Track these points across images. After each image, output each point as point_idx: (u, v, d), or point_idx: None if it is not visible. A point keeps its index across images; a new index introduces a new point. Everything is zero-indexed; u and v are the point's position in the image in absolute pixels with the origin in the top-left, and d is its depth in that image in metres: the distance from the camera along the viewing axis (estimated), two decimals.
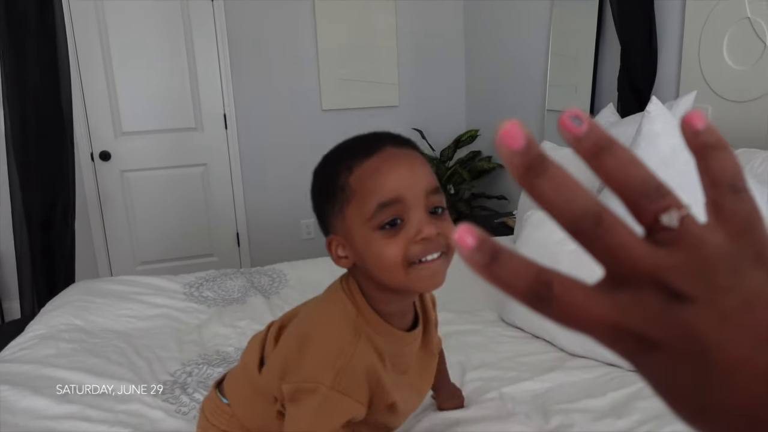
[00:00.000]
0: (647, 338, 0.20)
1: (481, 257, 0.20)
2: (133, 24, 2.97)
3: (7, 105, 1.80)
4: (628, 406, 1.15)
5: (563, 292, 0.21)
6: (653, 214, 0.21)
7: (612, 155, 0.22)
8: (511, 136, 0.21)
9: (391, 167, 0.72)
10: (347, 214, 0.73)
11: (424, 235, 0.70)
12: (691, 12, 1.87)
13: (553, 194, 0.21)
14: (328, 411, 0.74)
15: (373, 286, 0.77)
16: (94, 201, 3.05)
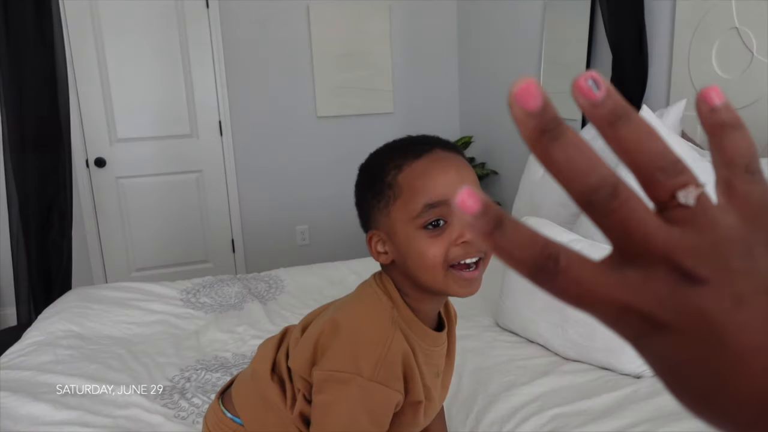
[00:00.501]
0: (655, 319, 0.20)
1: (485, 224, 0.20)
2: (129, 31, 2.98)
3: (4, 112, 1.81)
4: (621, 408, 1.17)
5: (569, 266, 0.20)
6: (669, 191, 0.20)
7: (629, 125, 0.20)
8: (528, 95, 0.20)
9: (441, 169, 0.74)
10: (392, 210, 0.75)
11: (466, 239, 0.72)
12: (680, 21, 1.91)
13: (567, 162, 0.20)
14: (365, 400, 0.73)
15: (408, 284, 0.78)
16: (89, 207, 3.05)
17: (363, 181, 0.81)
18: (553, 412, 1.17)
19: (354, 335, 0.76)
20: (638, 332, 0.20)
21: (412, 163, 0.75)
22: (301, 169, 3.37)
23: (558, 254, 0.20)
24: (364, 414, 0.73)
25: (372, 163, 0.81)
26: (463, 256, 0.72)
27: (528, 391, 1.26)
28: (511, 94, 0.20)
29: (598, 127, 0.21)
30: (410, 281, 0.78)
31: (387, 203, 0.76)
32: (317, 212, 3.43)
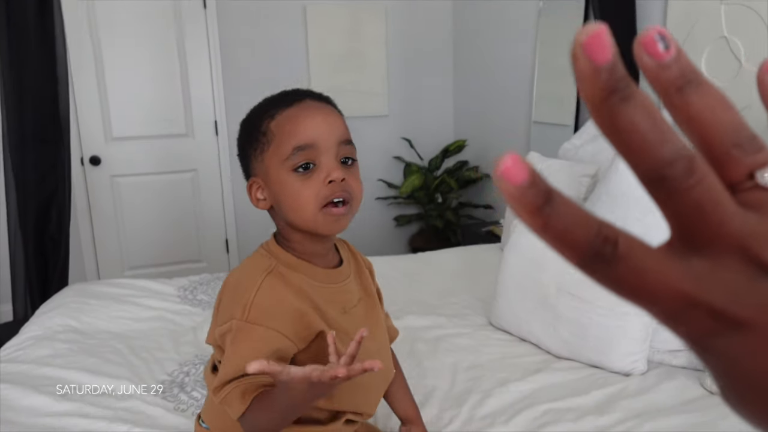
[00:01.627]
0: (729, 316, 0.17)
1: (533, 197, 0.17)
2: (125, 29, 2.99)
3: (4, 108, 1.82)
4: (610, 404, 1.20)
5: (630, 252, 0.17)
6: (746, 170, 0.18)
7: (700, 92, 0.18)
8: (599, 45, 0.17)
9: (309, 115, 0.80)
10: (266, 157, 0.81)
11: (332, 178, 0.78)
12: (671, 29, 1.96)
13: (638, 129, 0.17)
14: (244, 340, 0.77)
15: (288, 228, 0.84)
16: (83, 205, 3.05)
17: (241, 133, 0.87)
18: (545, 407, 1.20)
19: (231, 289, 0.83)
20: (706, 331, 0.18)
21: (283, 111, 0.81)
22: None
23: (616, 238, 0.17)
24: (249, 352, 0.76)
25: (249, 115, 0.86)
26: (330, 196, 0.78)
27: (521, 387, 1.29)
28: (577, 44, 0.17)
29: (663, 93, 0.18)
30: (288, 224, 0.83)
31: (262, 150, 0.81)
32: None
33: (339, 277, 0.88)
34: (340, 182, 0.79)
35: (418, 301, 1.82)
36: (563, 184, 1.83)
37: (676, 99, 0.18)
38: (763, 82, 0.20)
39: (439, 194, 3.30)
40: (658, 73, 0.18)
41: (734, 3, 1.71)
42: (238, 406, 0.76)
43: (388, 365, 0.96)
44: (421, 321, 1.65)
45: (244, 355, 0.76)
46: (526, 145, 2.84)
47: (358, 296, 0.91)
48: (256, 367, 0.64)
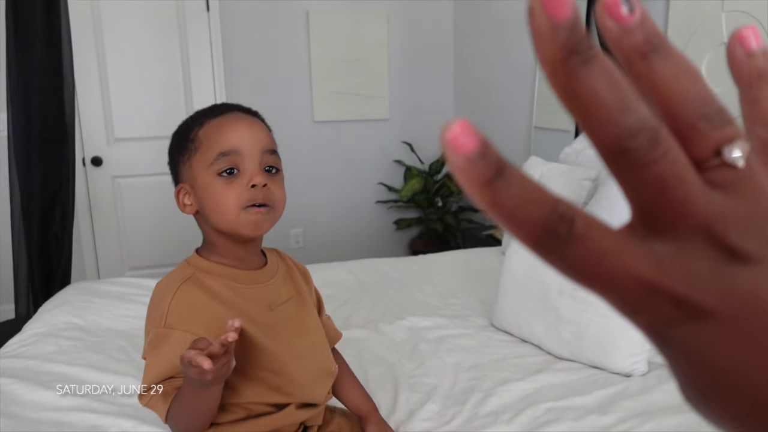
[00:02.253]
0: (692, 303, 0.16)
1: (482, 169, 0.15)
2: (129, 32, 3.01)
3: (9, 107, 1.83)
4: (612, 404, 1.22)
5: (588, 232, 0.16)
6: (713, 145, 0.17)
7: (667, 60, 0.17)
8: (560, 1, 0.15)
9: (234, 124, 0.85)
10: (193, 162, 0.85)
11: (254, 182, 0.83)
12: (672, 36, 1.98)
13: (598, 95, 0.15)
14: (162, 345, 0.82)
15: (213, 232, 0.88)
16: (84, 206, 3.06)
17: (172, 142, 0.91)
18: (547, 405, 1.21)
19: (153, 302, 0.88)
20: (668, 320, 0.16)
21: (211, 120, 0.86)
22: (297, 172, 3.40)
23: (573, 216, 0.16)
24: (168, 356, 0.81)
25: (180, 126, 0.91)
26: (252, 200, 0.83)
27: (522, 387, 1.30)
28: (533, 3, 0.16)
29: (626, 61, 0.17)
30: (213, 229, 0.87)
31: (189, 156, 0.86)
32: (312, 216, 3.46)
33: (262, 277, 0.92)
34: (262, 187, 0.83)
35: (419, 302, 1.83)
36: (564, 188, 1.84)
37: (640, 67, 0.17)
38: (734, 55, 0.19)
39: (440, 198, 3.32)
40: (621, 38, 0.16)
41: (735, 10, 1.73)
42: (162, 407, 0.82)
43: (326, 360, 0.99)
44: (424, 322, 1.66)
45: (163, 360, 0.82)
46: (527, 149, 2.86)
47: (287, 295, 0.95)
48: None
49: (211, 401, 0.81)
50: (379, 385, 1.33)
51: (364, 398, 1.08)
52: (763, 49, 0.19)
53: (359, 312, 1.76)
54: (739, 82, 0.19)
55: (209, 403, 0.81)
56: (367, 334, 1.59)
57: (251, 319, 0.87)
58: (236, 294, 0.88)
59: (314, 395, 0.94)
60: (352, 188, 3.51)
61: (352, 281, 2.03)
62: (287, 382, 0.90)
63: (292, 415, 0.91)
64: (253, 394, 0.88)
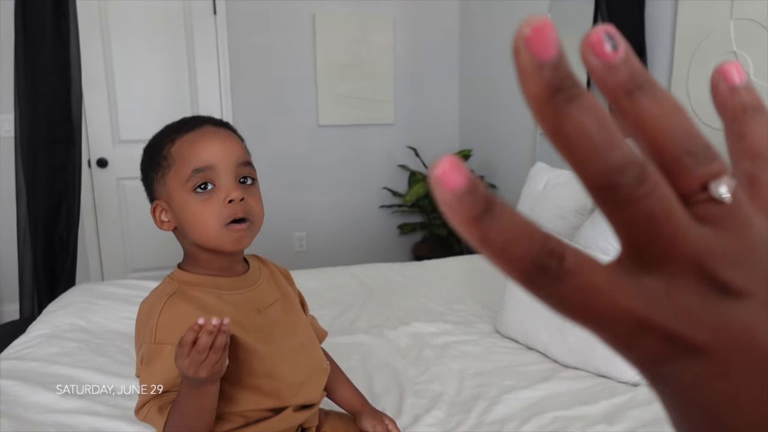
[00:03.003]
0: (683, 339, 0.16)
1: (471, 205, 0.15)
2: (136, 34, 3.01)
3: (18, 108, 1.83)
4: (619, 414, 1.20)
5: (578, 268, 0.16)
6: (700, 180, 0.17)
7: (652, 96, 0.17)
8: (543, 39, 0.15)
9: (207, 140, 0.85)
10: (168, 180, 0.85)
11: (231, 197, 0.82)
12: (680, 44, 1.98)
13: (584, 132, 0.16)
14: (155, 360, 0.83)
15: (193, 247, 0.88)
16: (89, 207, 3.06)
17: (145, 159, 0.90)
18: (554, 414, 1.20)
19: (140, 319, 0.88)
20: (659, 356, 0.16)
21: (183, 136, 0.86)
22: (301, 176, 3.40)
23: (563, 252, 0.16)
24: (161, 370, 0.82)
25: (151, 142, 0.90)
26: (232, 216, 0.83)
27: (528, 395, 1.29)
28: (519, 37, 0.16)
29: (612, 97, 0.17)
30: (193, 244, 0.87)
31: (163, 174, 0.86)
32: (316, 219, 3.46)
33: (246, 282, 0.93)
34: (239, 201, 0.83)
35: (424, 307, 1.82)
36: (570, 195, 1.84)
37: (625, 103, 0.17)
38: (718, 89, 0.19)
39: None
40: (606, 76, 0.16)
41: (744, 18, 1.72)
42: (159, 420, 0.82)
43: (318, 358, 1.00)
44: (428, 327, 1.65)
45: (157, 374, 0.82)
46: (533, 155, 2.85)
47: (273, 297, 0.96)
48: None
49: (208, 404, 0.81)
50: (383, 391, 1.32)
51: (355, 394, 1.10)
52: (745, 83, 0.19)
53: (363, 317, 1.76)
54: (724, 117, 0.19)
55: (206, 407, 0.81)
56: (371, 340, 1.59)
57: (241, 324, 0.87)
58: (223, 301, 0.88)
59: (309, 395, 0.95)
60: (356, 192, 3.51)
61: (356, 286, 2.02)
62: (282, 385, 0.90)
63: (290, 418, 0.91)
64: (249, 401, 0.88)
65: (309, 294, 1.91)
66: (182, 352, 0.73)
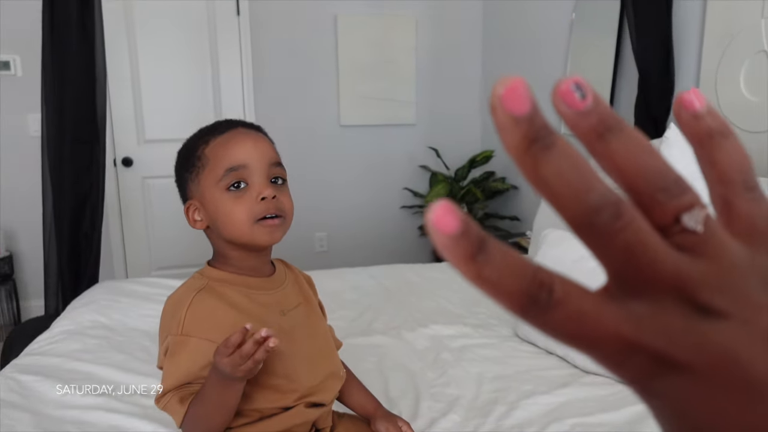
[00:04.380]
0: (669, 359, 0.17)
1: (465, 247, 0.16)
2: (161, 36, 3.06)
3: (45, 108, 1.86)
4: (644, 422, 1.17)
5: (567, 297, 0.17)
6: (673, 213, 0.18)
7: (621, 137, 0.18)
8: (516, 97, 0.17)
9: (240, 140, 0.88)
10: (202, 179, 0.88)
11: (264, 195, 0.85)
12: (709, 42, 1.93)
13: (561, 177, 0.17)
14: (180, 352, 0.84)
15: (225, 245, 0.90)
16: (114, 206, 3.11)
17: (179, 160, 0.93)
18: (574, 421, 1.17)
19: (167, 311, 0.90)
20: (648, 374, 0.17)
21: (216, 137, 0.88)
22: (322, 176, 3.41)
23: (552, 283, 0.17)
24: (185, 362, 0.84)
25: (185, 144, 0.93)
26: (264, 212, 0.85)
27: (547, 401, 1.27)
28: (495, 96, 0.17)
29: (585, 141, 0.18)
30: (226, 242, 0.89)
31: (197, 174, 0.88)
32: (337, 220, 3.46)
33: (273, 283, 0.95)
34: (271, 199, 0.86)
35: (443, 309, 1.80)
36: None
37: (598, 146, 0.18)
38: (681, 119, 0.20)
39: (465, 204, 3.29)
40: (578, 122, 0.18)
41: None
42: (179, 410, 0.84)
43: (335, 364, 1.02)
44: (447, 330, 1.64)
45: (180, 365, 0.84)
46: None
47: (297, 301, 0.98)
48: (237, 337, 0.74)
49: (232, 400, 0.82)
50: (400, 393, 1.31)
51: (369, 398, 1.10)
52: (707, 108, 0.20)
53: (381, 318, 1.75)
54: (692, 144, 0.20)
55: (230, 403, 0.83)
56: (388, 341, 1.58)
57: (266, 324, 0.88)
58: (250, 300, 0.90)
59: (322, 396, 0.96)
60: (377, 193, 3.50)
61: (375, 287, 2.01)
62: (299, 387, 0.91)
63: (302, 413, 0.92)
64: (265, 400, 0.89)
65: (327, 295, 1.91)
66: (225, 351, 0.75)
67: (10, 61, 2.83)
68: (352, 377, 1.11)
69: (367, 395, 1.10)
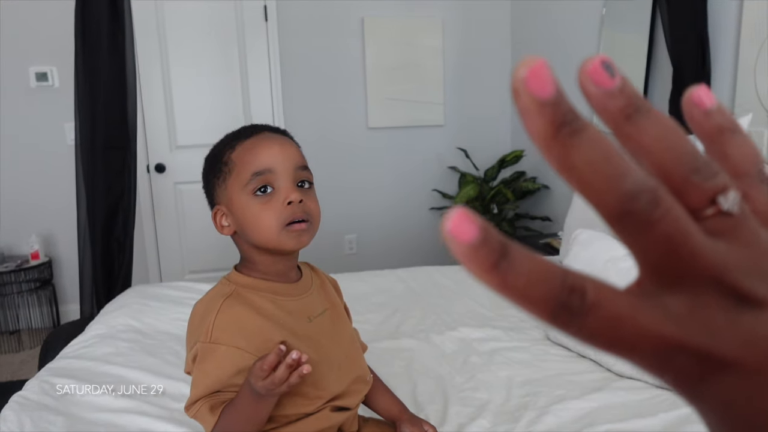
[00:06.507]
0: (716, 357, 0.16)
1: (488, 254, 0.15)
2: (191, 43, 3.11)
3: (78, 116, 1.91)
4: (680, 428, 1.13)
5: (601, 300, 0.16)
6: (709, 195, 0.17)
7: (651, 119, 0.17)
8: (540, 79, 0.16)
9: (266, 145, 0.87)
10: (229, 184, 0.87)
11: (291, 199, 0.84)
12: (746, 34, 1.85)
13: (593, 163, 0.16)
14: (208, 360, 0.84)
15: (253, 250, 0.90)
16: (148, 211, 3.17)
17: (206, 166, 0.93)
18: (607, 427, 1.14)
19: (195, 318, 0.89)
20: (693, 376, 0.16)
21: (242, 142, 0.88)
22: (351, 178, 3.41)
23: (584, 287, 0.16)
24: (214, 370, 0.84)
25: (212, 150, 0.93)
26: (292, 217, 0.85)
27: (580, 406, 1.23)
28: (517, 79, 0.16)
29: (612, 123, 0.17)
30: (253, 247, 0.89)
31: (224, 179, 0.88)
32: (366, 222, 3.46)
33: (300, 290, 0.94)
34: (298, 203, 0.85)
35: (472, 312, 1.78)
36: None
37: (626, 128, 0.17)
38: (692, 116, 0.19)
39: (495, 205, 3.24)
40: (606, 103, 0.17)
41: None
42: (210, 419, 0.83)
43: (362, 369, 1.01)
44: (476, 333, 1.61)
45: (209, 373, 0.84)
46: None
47: (323, 307, 0.97)
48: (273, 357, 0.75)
49: (265, 413, 0.83)
50: (428, 398, 1.30)
51: (394, 402, 1.09)
52: (717, 106, 0.19)
53: (409, 321, 1.73)
54: (704, 140, 0.19)
55: (263, 415, 0.83)
56: (416, 344, 1.56)
57: (292, 331, 0.88)
58: (278, 307, 0.90)
59: (348, 401, 0.95)
60: (406, 195, 3.49)
61: (403, 289, 2.00)
62: (326, 394, 0.91)
63: (328, 417, 0.92)
64: (292, 407, 0.89)
65: (355, 298, 1.91)
66: (260, 374, 0.76)
67: (48, 72, 2.92)
68: (377, 381, 1.10)
69: (392, 399, 1.09)
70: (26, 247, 2.93)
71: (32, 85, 2.91)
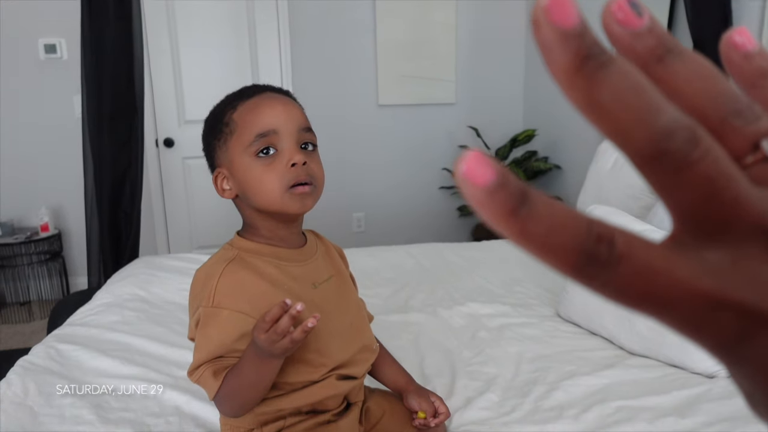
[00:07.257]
0: (760, 312, 0.14)
1: (504, 200, 0.14)
2: (201, 18, 3.07)
3: (85, 86, 1.89)
4: (693, 407, 1.10)
5: (631, 251, 0.14)
6: (751, 139, 0.15)
7: (684, 60, 0.16)
8: (563, 7, 0.14)
9: (269, 105, 0.84)
10: (230, 146, 0.84)
11: (294, 161, 0.82)
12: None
13: (624, 98, 0.14)
14: (211, 324, 0.82)
15: (255, 214, 0.87)
16: (156, 185, 3.16)
17: (206, 127, 0.89)
18: (618, 404, 1.12)
19: (198, 282, 0.88)
20: (736, 335, 0.15)
21: (244, 102, 0.85)
22: (360, 155, 3.38)
23: (612, 236, 0.14)
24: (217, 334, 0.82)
25: (213, 110, 0.89)
26: (295, 179, 0.82)
27: (590, 382, 1.21)
28: (538, 8, 0.14)
29: (641, 65, 0.15)
30: (255, 211, 0.86)
31: (226, 140, 0.85)
32: (374, 200, 3.43)
33: (304, 255, 0.92)
34: (302, 166, 0.82)
35: (481, 288, 1.75)
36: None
37: (658, 70, 0.15)
38: (731, 60, 0.17)
39: None
40: (633, 44, 0.15)
41: None
42: (213, 384, 0.82)
43: (368, 338, 0.99)
44: (485, 309, 1.59)
45: (212, 338, 0.82)
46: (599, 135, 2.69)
47: (328, 273, 0.95)
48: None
49: (268, 377, 0.81)
50: (435, 371, 1.28)
51: (401, 372, 1.07)
52: (758, 48, 0.17)
53: (417, 296, 1.71)
54: (744, 86, 0.17)
55: (266, 379, 0.81)
56: (424, 318, 1.54)
57: (297, 297, 0.86)
58: (281, 272, 0.87)
59: (354, 369, 0.94)
60: (415, 173, 3.45)
61: (413, 265, 1.97)
62: (330, 362, 0.89)
63: (333, 386, 0.90)
64: (296, 374, 0.87)
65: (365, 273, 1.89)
66: (263, 326, 0.73)
67: (57, 44, 2.89)
68: (384, 352, 1.08)
69: (399, 370, 1.07)
70: (36, 219, 2.93)
71: (41, 57, 2.89)
